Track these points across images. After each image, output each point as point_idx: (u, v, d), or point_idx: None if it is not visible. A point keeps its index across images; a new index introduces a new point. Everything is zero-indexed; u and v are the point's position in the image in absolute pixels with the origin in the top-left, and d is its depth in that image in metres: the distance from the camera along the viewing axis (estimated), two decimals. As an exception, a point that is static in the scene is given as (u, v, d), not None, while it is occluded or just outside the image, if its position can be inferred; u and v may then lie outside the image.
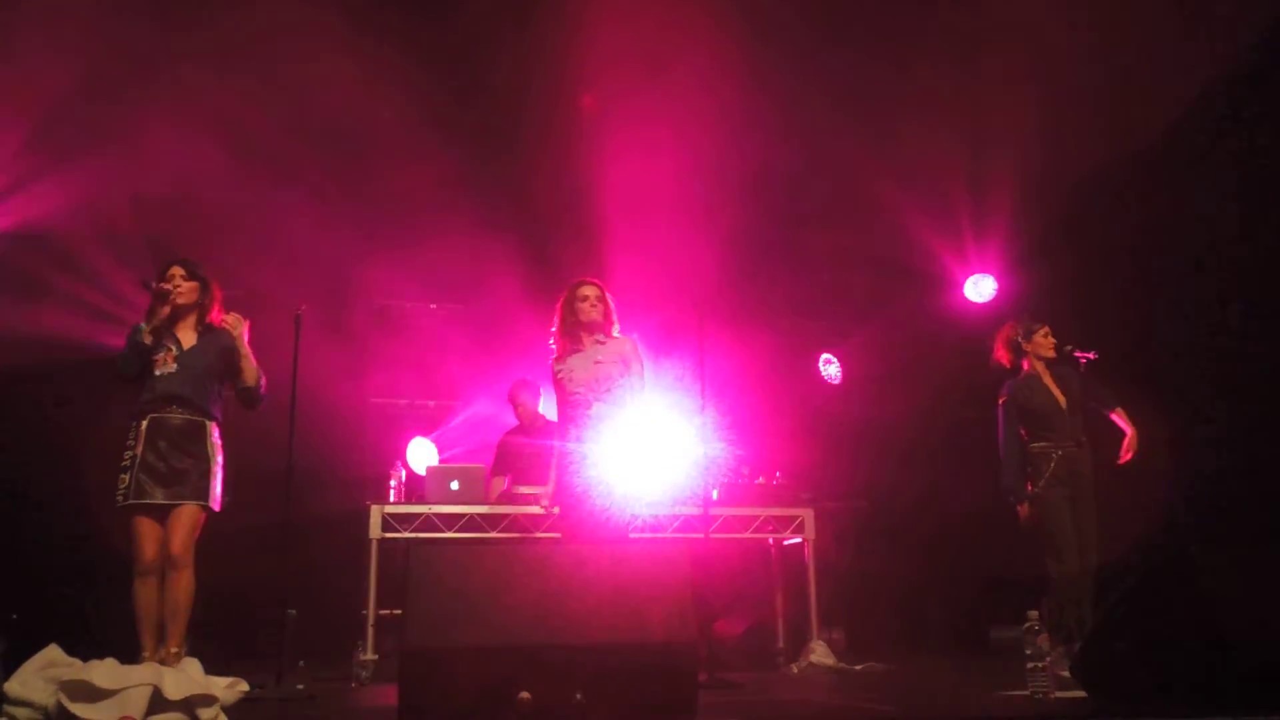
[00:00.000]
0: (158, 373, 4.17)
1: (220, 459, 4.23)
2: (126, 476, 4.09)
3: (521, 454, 5.87)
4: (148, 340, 4.16)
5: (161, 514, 4.10)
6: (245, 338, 4.34)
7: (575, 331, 4.77)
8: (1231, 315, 5.79)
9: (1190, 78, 5.72)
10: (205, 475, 4.15)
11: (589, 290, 4.79)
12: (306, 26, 5.70)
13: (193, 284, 4.32)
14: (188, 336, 4.29)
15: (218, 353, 4.32)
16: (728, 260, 6.69)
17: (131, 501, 4.05)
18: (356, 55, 5.98)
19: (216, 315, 4.37)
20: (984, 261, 7.37)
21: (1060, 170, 6.40)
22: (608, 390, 4.71)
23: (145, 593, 4.07)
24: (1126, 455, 5.01)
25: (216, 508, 4.19)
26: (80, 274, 5.83)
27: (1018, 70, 6.11)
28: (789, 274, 7.89)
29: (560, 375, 4.74)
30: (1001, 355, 5.22)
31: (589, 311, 4.76)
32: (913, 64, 6.25)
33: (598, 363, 4.73)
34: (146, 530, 4.08)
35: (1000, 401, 5.10)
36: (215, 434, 4.24)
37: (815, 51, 6.31)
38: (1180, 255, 6.03)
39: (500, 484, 5.86)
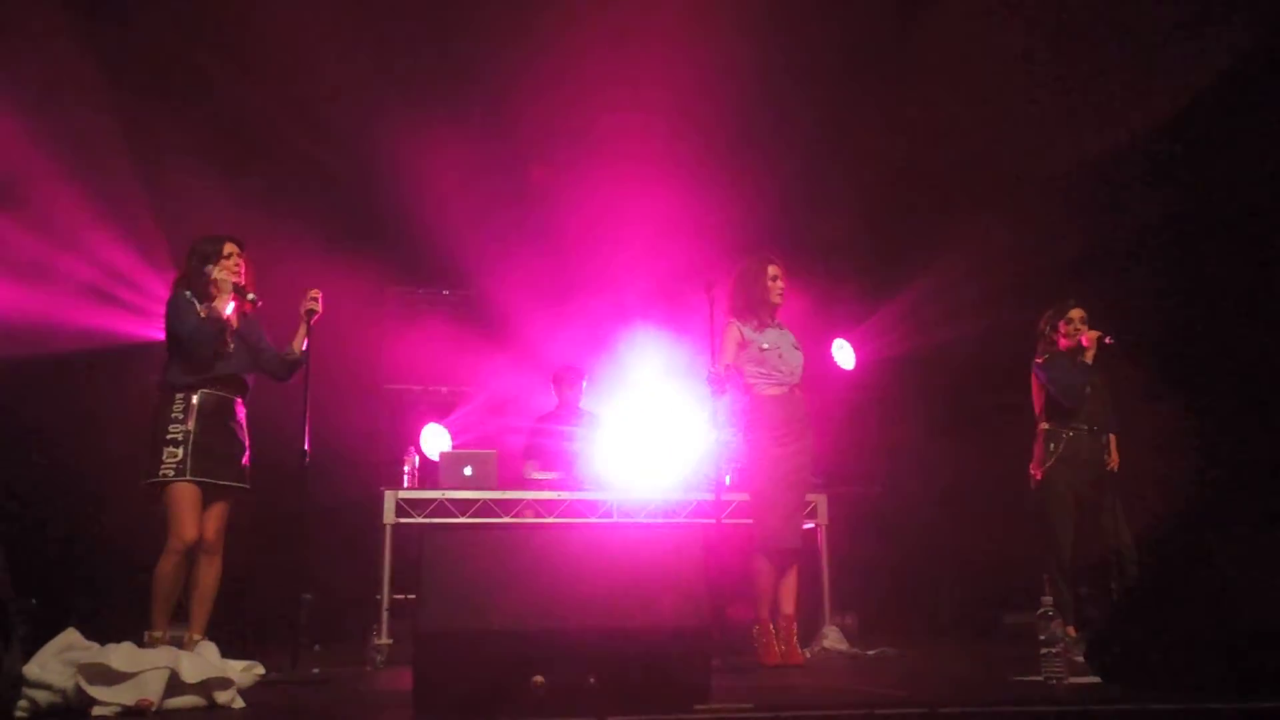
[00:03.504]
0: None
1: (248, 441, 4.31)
2: (179, 450, 4.03)
3: (557, 441, 5.93)
4: (233, 323, 4.19)
5: (209, 494, 4.11)
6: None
7: (759, 308, 4.81)
8: (1253, 297, 5.74)
9: (1213, 52, 5.65)
10: (246, 457, 4.23)
11: (777, 270, 4.85)
12: (312, 12, 5.70)
13: (244, 256, 4.36)
14: (231, 317, 4.32)
15: (254, 336, 4.41)
16: (739, 244, 6.66)
17: (188, 479, 4.02)
18: (364, 40, 5.97)
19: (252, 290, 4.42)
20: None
21: (1075, 151, 6.35)
22: (801, 375, 4.85)
23: (178, 573, 4.06)
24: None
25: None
26: (91, 260, 5.85)
27: (1032, 45, 6.04)
28: (801, 259, 7.84)
29: (766, 348, 4.76)
30: (1042, 346, 5.24)
31: (778, 294, 4.83)
32: (922, 35, 6.19)
33: (796, 349, 4.81)
34: (192, 509, 4.06)
35: (1036, 363, 5.12)
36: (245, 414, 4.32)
37: (825, 28, 6.26)
38: (1200, 235, 5.98)
39: (532, 467, 5.89)
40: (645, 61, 6.05)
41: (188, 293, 4.22)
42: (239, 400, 4.29)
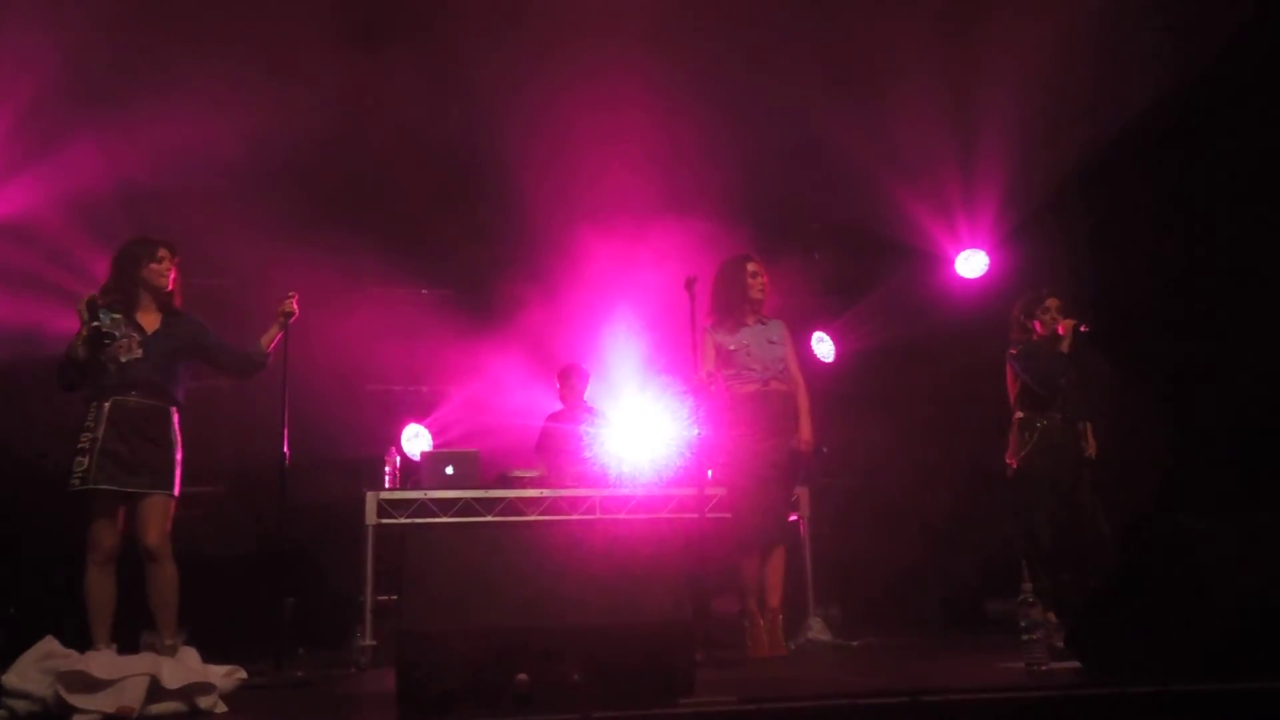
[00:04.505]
0: (123, 359, 4.07)
1: (180, 445, 4.17)
2: (85, 460, 3.96)
3: (569, 439, 5.96)
4: (82, 354, 4.02)
5: (121, 502, 4.03)
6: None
7: (738, 306, 4.87)
8: (1227, 287, 5.80)
9: (1189, 50, 5.70)
10: (170, 463, 4.10)
11: (756, 267, 4.92)
12: (295, 13, 5.66)
13: (175, 262, 4.29)
14: (150, 320, 4.21)
15: (186, 338, 4.27)
16: (718, 239, 6.68)
17: (91, 486, 3.94)
18: (345, 44, 5.93)
19: (179, 299, 4.33)
20: (975, 237, 7.36)
21: (1053, 144, 6.39)
22: (782, 369, 4.83)
23: (103, 582, 4.00)
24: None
25: (177, 494, 4.15)
26: (64, 265, 5.79)
27: (1008, 43, 6.08)
28: (780, 252, 7.88)
29: (733, 348, 4.80)
30: (1016, 335, 5.27)
31: (757, 290, 4.87)
32: (902, 35, 6.21)
33: (772, 343, 4.85)
34: (106, 518, 4.00)
35: (1011, 353, 5.16)
36: (176, 421, 4.19)
37: (803, 25, 6.27)
38: (1173, 228, 6.03)
39: (543, 467, 5.90)
40: (629, 49, 6.05)
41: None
42: (164, 406, 4.14)
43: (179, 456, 4.16)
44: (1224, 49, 5.57)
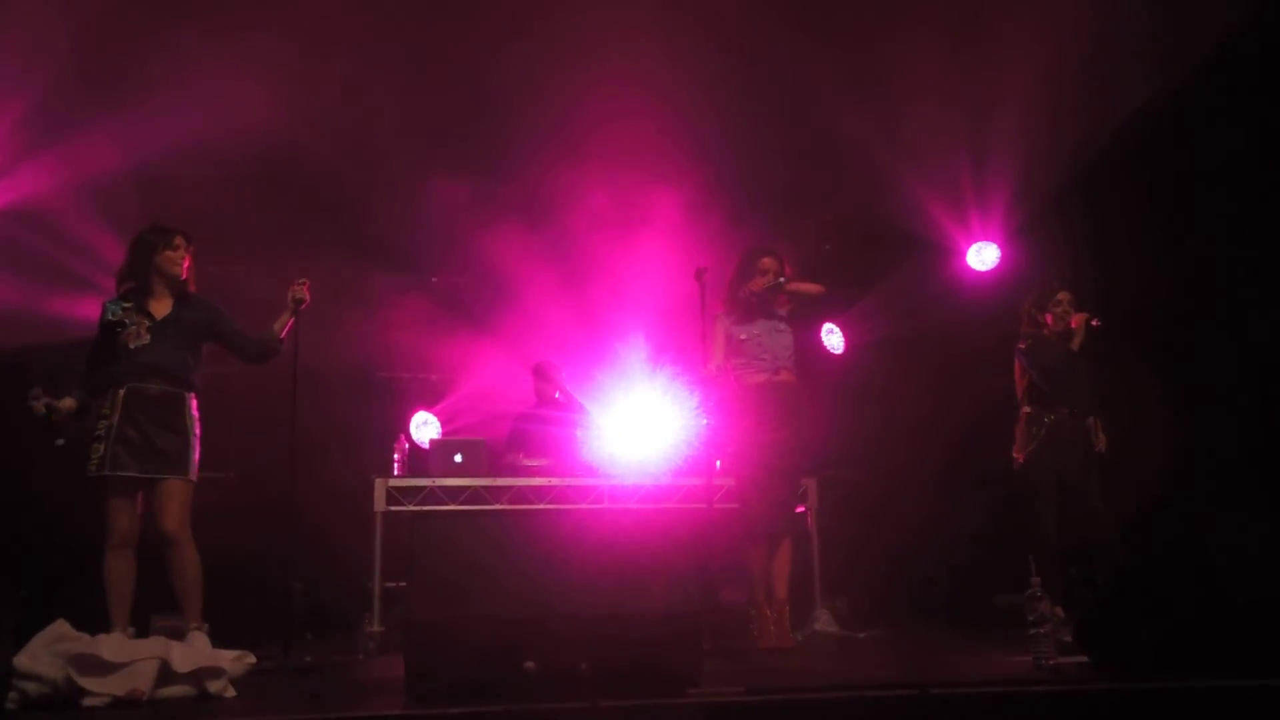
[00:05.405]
0: (131, 345, 4.13)
1: (198, 431, 4.21)
2: (101, 446, 4.04)
3: (540, 429, 5.95)
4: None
5: (137, 487, 4.08)
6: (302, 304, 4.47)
7: (751, 300, 4.84)
8: (1238, 280, 5.77)
9: (1197, 40, 5.65)
10: (186, 448, 4.14)
11: (770, 263, 4.94)
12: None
13: (190, 250, 4.32)
14: (162, 306, 4.25)
15: (199, 322, 4.31)
16: (729, 231, 6.66)
17: (106, 473, 4.01)
18: (353, 32, 5.92)
19: (193, 285, 4.37)
20: (987, 229, 7.33)
21: (1064, 136, 6.35)
22: (790, 358, 4.88)
23: (120, 566, 4.06)
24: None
25: (194, 479, 4.18)
26: (77, 250, 5.81)
27: (1021, 34, 6.04)
28: (791, 244, 7.85)
29: (744, 338, 4.85)
30: (1026, 328, 5.26)
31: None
32: (913, 28, 6.18)
33: (780, 332, 4.88)
34: (121, 503, 4.06)
35: (1019, 347, 5.15)
36: (194, 405, 4.22)
37: (813, 19, 6.24)
38: (1185, 221, 6.00)
39: (518, 459, 5.91)
40: (635, 34, 6.02)
41: (109, 312, 4.18)
42: (179, 391, 4.18)
43: (197, 441, 4.20)
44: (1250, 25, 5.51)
